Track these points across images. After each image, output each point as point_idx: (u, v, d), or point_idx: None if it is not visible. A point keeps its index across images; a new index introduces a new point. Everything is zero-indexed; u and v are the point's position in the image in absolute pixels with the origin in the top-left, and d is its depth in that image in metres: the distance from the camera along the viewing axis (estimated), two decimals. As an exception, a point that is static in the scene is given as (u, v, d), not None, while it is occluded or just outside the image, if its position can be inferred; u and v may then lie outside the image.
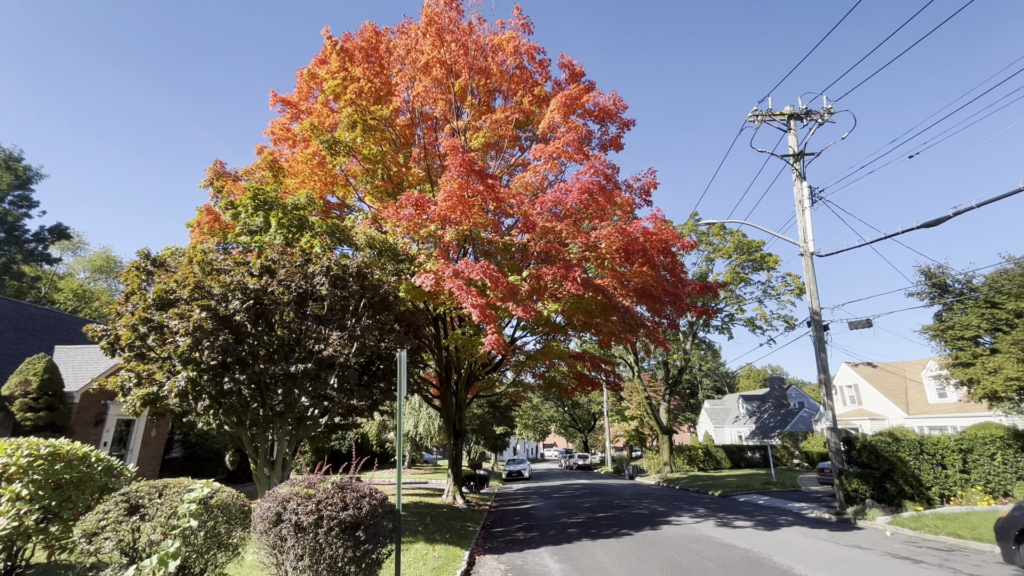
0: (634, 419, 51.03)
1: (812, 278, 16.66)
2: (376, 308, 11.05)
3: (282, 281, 9.33)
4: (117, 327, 9.48)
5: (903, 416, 29.41)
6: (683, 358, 36.67)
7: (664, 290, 13.67)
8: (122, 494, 5.06)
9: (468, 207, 10.84)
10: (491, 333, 10.82)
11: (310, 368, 9.12)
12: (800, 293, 33.54)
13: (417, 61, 13.62)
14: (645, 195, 12.60)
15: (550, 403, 62.71)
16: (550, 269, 10.44)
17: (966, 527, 10.57)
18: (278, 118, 14.93)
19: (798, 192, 17.53)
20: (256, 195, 10.62)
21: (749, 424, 48.54)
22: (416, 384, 19.08)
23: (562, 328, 16.72)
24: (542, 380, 21.54)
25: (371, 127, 12.55)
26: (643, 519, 14.04)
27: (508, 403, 39.13)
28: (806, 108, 17.65)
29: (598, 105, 13.69)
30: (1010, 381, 12.27)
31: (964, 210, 11.33)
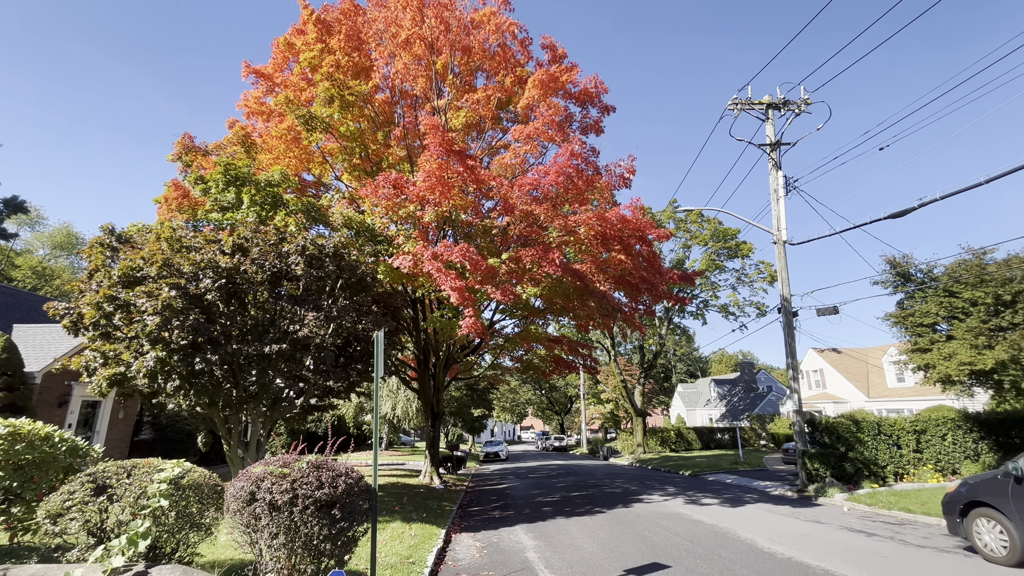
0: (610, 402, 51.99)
1: (784, 266, 17.11)
2: (353, 289, 10.91)
3: (255, 260, 9.10)
4: (80, 305, 9.13)
5: (864, 399, 30.79)
6: (658, 343, 37.43)
7: (641, 278, 13.85)
8: (88, 475, 4.94)
9: (448, 188, 10.71)
10: (469, 316, 10.82)
11: (285, 349, 8.98)
12: (772, 280, 34.45)
13: (397, 36, 13.24)
14: (624, 181, 12.66)
15: (528, 386, 63.40)
16: (529, 251, 10.46)
17: (916, 503, 11.21)
18: (251, 91, 14.37)
19: (773, 181, 17.86)
20: (227, 170, 10.25)
21: (720, 407, 50.08)
22: (394, 366, 19.01)
23: (540, 312, 16.83)
24: (520, 363, 21.73)
25: (349, 103, 12.21)
26: (616, 497, 14.44)
27: (486, 386, 39.42)
28: (784, 98, 17.88)
29: (579, 86, 13.58)
30: (963, 366, 12.95)
31: (928, 202, 11.74)
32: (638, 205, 11.67)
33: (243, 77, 14.17)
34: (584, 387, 51.88)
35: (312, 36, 13.62)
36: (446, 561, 7.82)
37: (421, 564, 7.12)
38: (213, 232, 9.65)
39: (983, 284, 13.30)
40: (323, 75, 12.14)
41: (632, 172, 12.16)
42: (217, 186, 10.42)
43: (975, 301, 13.38)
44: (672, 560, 7.43)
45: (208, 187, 10.50)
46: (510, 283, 10.43)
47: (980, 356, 12.74)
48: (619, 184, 12.55)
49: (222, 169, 10.23)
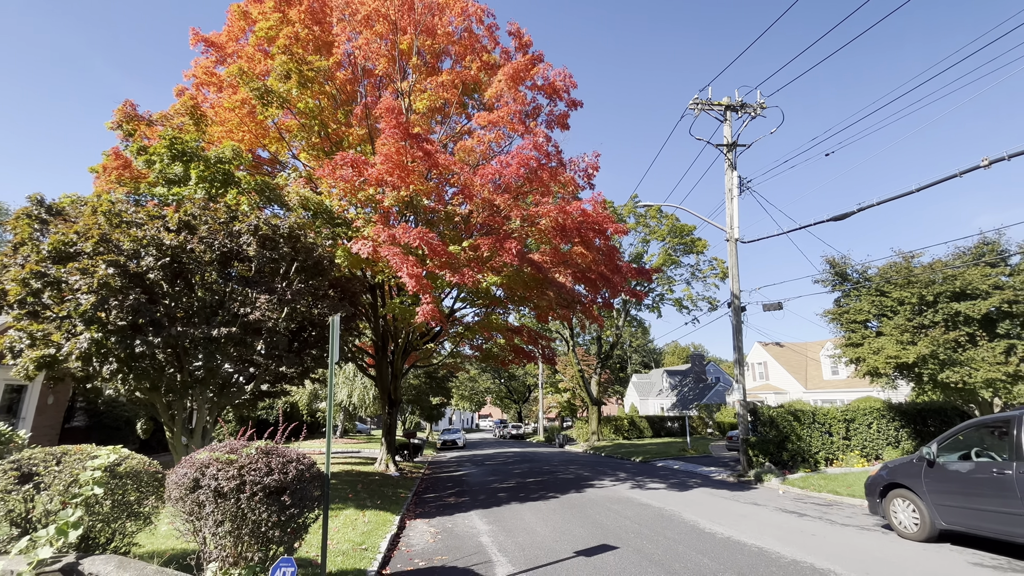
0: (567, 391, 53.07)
1: (735, 263, 17.88)
2: (309, 272, 10.58)
3: (204, 239, 8.66)
4: (3, 281, 8.42)
5: (802, 390, 32.83)
6: (615, 334, 38.37)
7: (600, 273, 14.14)
8: (12, 462, 4.61)
9: (406, 172, 10.52)
10: (427, 303, 10.73)
11: (235, 332, 8.63)
12: (724, 276, 35.95)
13: (357, 13, 12.78)
14: (588, 177, 12.82)
15: (487, 375, 63.66)
16: (487, 240, 10.46)
17: (843, 486, 12.12)
18: (201, 59, 13.49)
19: (728, 181, 18.56)
20: (173, 143, 9.63)
21: (671, 397, 52.06)
22: (351, 353, 18.64)
23: (501, 301, 16.90)
24: (480, 352, 21.78)
25: (308, 79, 11.72)
26: (569, 483, 14.82)
27: (445, 374, 39.29)
28: (741, 100, 18.55)
29: (547, 80, 13.59)
30: (889, 360, 14.06)
31: (867, 206, 12.55)
32: (599, 199, 11.86)
33: (191, 45, 13.30)
34: (543, 376, 52.62)
35: (270, 5, 12.95)
36: (400, 547, 7.83)
37: (374, 550, 7.10)
38: (157, 208, 9.09)
39: (910, 285, 14.44)
40: (280, 48, 11.60)
41: (596, 168, 12.34)
42: (161, 160, 9.79)
43: (903, 300, 14.50)
44: (621, 541, 7.73)
45: (152, 160, 9.85)
46: (469, 269, 10.41)
47: (904, 351, 13.87)
48: (583, 179, 12.71)
49: (167, 142, 9.61)
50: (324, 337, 11.57)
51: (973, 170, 9.60)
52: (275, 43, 11.80)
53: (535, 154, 10.98)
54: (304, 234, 10.14)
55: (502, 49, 14.17)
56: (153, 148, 9.78)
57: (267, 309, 8.86)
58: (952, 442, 7.26)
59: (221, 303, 8.95)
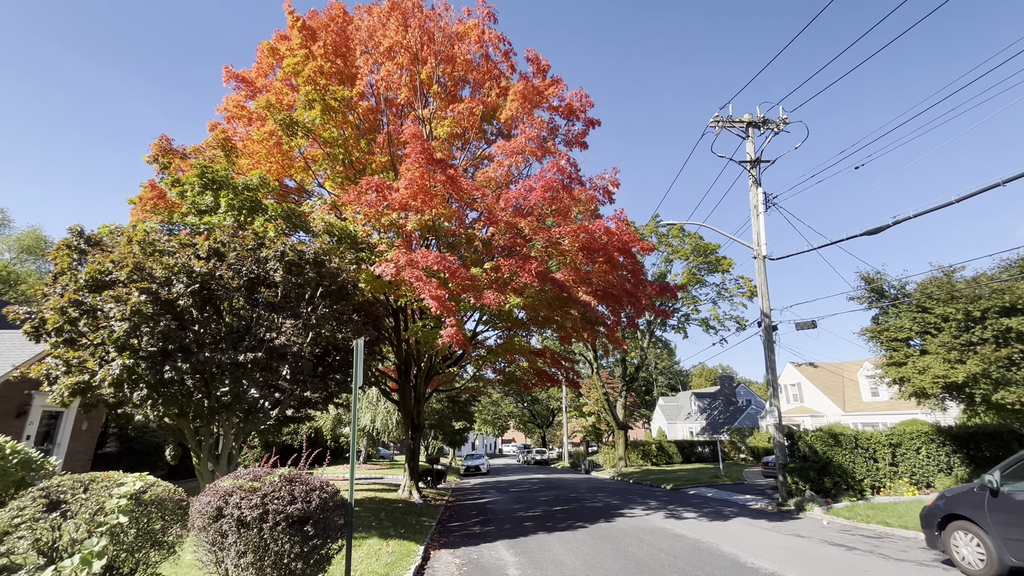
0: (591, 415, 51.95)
1: (764, 280, 17.38)
2: (334, 297, 10.67)
3: (232, 265, 8.83)
4: (43, 309, 8.71)
5: (840, 413, 31.32)
6: (640, 356, 37.59)
7: (624, 291, 13.89)
8: (41, 489, 4.62)
9: (430, 196, 10.61)
10: (450, 325, 10.66)
11: (260, 357, 8.69)
12: (752, 295, 35.04)
13: (380, 45, 13.19)
14: (608, 194, 12.74)
15: (509, 398, 62.95)
16: (508, 261, 10.39)
17: (894, 516, 11.32)
18: (233, 95, 14.11)
19: (753, 197, 18.23)
20: (204, 173, 9.97)
21: (700, 420, 50.40)
22: (374, 377, 18.64)
23: (524, 323, 16.73)
24: (503, 375, 21.53)
25: (331, 108, 12.06)
26: (598, 512, 14.27)
27: (468, 398, 38.96)
28: (763, 117, 18.35)
29: (564, 100, 13.70)
30: (937, 379, 13.27)
31: (903, 219, 12.07)
32: (622, 217, 11.72)
33: (224, 82, 13.94)
34: (566, 400, 51.73)
35: (296, 42, 13.49)
36: (424, 579, 7.56)
37: (398, 583, 6.86)
38: (189, 236, 9.35)
39: (953, 301, 13.72)
40: (305, 78, 11.99)
41: (616, 185, 12.25)
42: (193, 189, 10.13)
43: (946, 317, 13.77)
44: (655, 576, 7.30)
45: (184, 190, 10.20)
46: (492, 291, 10.32)
47: (953, 370, 13.09)
48: (603, 197, 12.62)
49: (198, 172, 9.95)
50: (348, 361, 11.58)
51: (1018, 178, 9.14)
52: (300, 76, 12.22)
53: (559, 177, 10.97)
54: (329, 259, 10.27)
55: (520, 75, 14.41)
56: (185, 178, 10.14)
57: (292, 334, 8.91)
58: (1018, 468, 6.69)
59: (248, 328, 9.06)
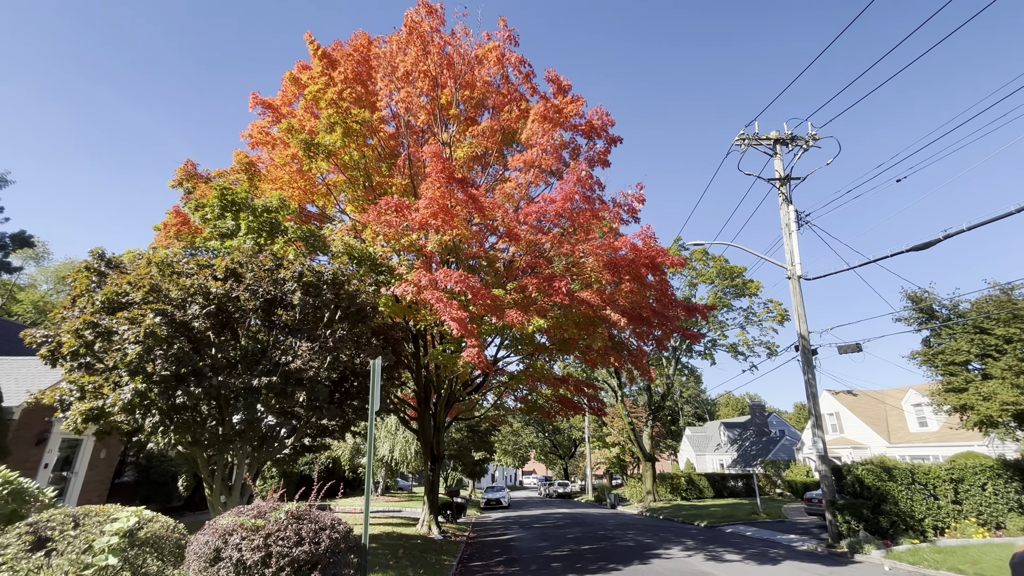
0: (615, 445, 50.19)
1: (799, 301, 16.49)
2: (352, 320, 10.32)
3: (249, 286, 8.58)
4: (60, 333, 8.55)
5: (884, 445, 29.31)
6: (666, 383, 36.28)
7: (652, 311, 13.26)
8: (29, 524, 4.21)
9: (450, 216, 10.32)
10: (471, 347, 10.17)
11: (275, 382, 8.30)
12: (782, 320, 33.70)
13: (397, 70, 13.25)
14: (632, 212, 12.27)
15: (530, 428, 61.46)
16: (534, 280, 9.93)
17: (966, 561, 10.12)
18: (258, 121, 14.32)
19: (784, 216, 17.54)
20: (223, 194, 9.90)
21: (731, 452, 48.10)
22: (393, 404, 18.14)
23: (546, 348, 16.12)
24: (524, 403, 20.80)
25: (352, 131, 12.03)
26: (630, 552, 13.24)
27: (488, 427, 37.95)
28: (791, 134, 17.83)
29: (584, 117, 13.45)
30: (1006, 406, 12.08)
31: (954, 233, 11.27)
32: (649, 233, 11.21)
33: (250, 108, 14.16)
34: (589, 430, 50.12)
35: (317, 70, 13.67)
36: (445, 628, 6.84)
37: (416, 633, 6.18)
38: (208, 258, 9.19)
39: (1016, 320, 12.63)
40: (327, 102, 12.03)
41: (641, 201, 11.79)
42: (212, 211, 10.05)
43: (1010, 338, 12.66)
44: (705, 631, 6.45)
45: (205, 213, 10.13)
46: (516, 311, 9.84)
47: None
48: (628, 215, 12.16)
49: (217, 193, 9.88)
50: (366, 387, 11.14)
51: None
52: (321, 101, 12.28)
53: (579, 188, 10.59)
54: (347, 280, 9.98)
55: (541, 96, 14.30)
56: (205, 200, 10.08)
57: (309, 358, 8.54)
58: None
59: (263, 352, 8.73)
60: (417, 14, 12.71)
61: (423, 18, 12.72)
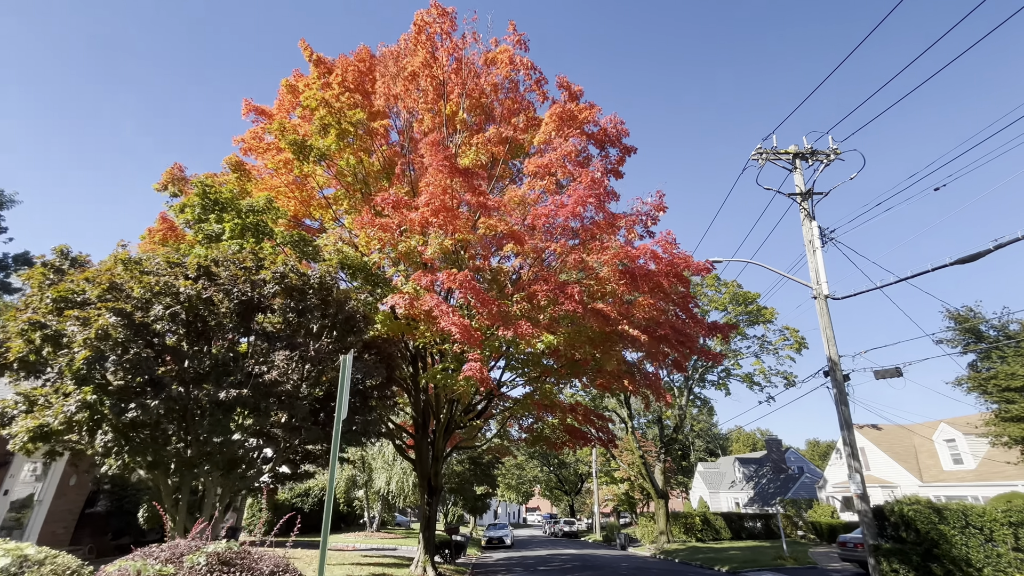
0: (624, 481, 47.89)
1: (828, 322, 15.31)
2: (341, 330, 9.31)
3: (223, 286, 7.64)
4: (10, 336, 7.60)
5: (916, 484, 27.31)
6: (678, 415, 34.62)
7: (671, 328, 12.18)
8: None
9: (453, 216, 9.46)
10: (473, 360, 9.10)
11: (245, 395, 7.24)
12: (799, 348, 32.25)
13: (404, 70, 12.68)
14: (652, 220, 11.31)
15: (535, 461, 59.14)
16: (544, 287, 8.93)
17: (1050, 622, 8.61)
18: (253, 127, 13.70)
19: (807, 232, 16.57)
20: (205, 192, 9.11)
21: (747, 490, 45.62)
22: (388, 430, 16.91)
23: (553, 370, 14.95)
24: (530, 433, 19.43)
25: (347, 133, 11.32)
26: (649, 602, 11.70)
27: (491, 459, 36.10)
28: (811, 148, 17.07)
29: (598, 125, 12.74)
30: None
31: (1007, 243, 10.24)
32: (670, 239, 10.23)
33: (244, 115, 13.58)
34: (596, 464, 47.94)
35: (313, 76, 13.15)
36: None
37: None
38: (179, 256, 8.30)
39: (1079, 341, 11.44)
40: (318, 101, 11.38)
41: (662, 209, 10.84)
42: (193, 211, 9.23)
43: (1073, 361, 11.43)
44: None
45: (187, 215, 9.32)
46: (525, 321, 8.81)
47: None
48: (643, 230, 11.23)
49: (199, 191, 9.08)
50: (355, 408, 10.03)
51: None
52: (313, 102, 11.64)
53: (593, 191, 9.72)
54: (336, 285, 9.03)
55: (552, 102, 13.68)
56: (186, 199, 9.29)
57: (285, 368, 7.50)
58: None
59: (236, 360, 7.71)
60: (428, 15, 12.21)
61: (434, 19, 12.22)
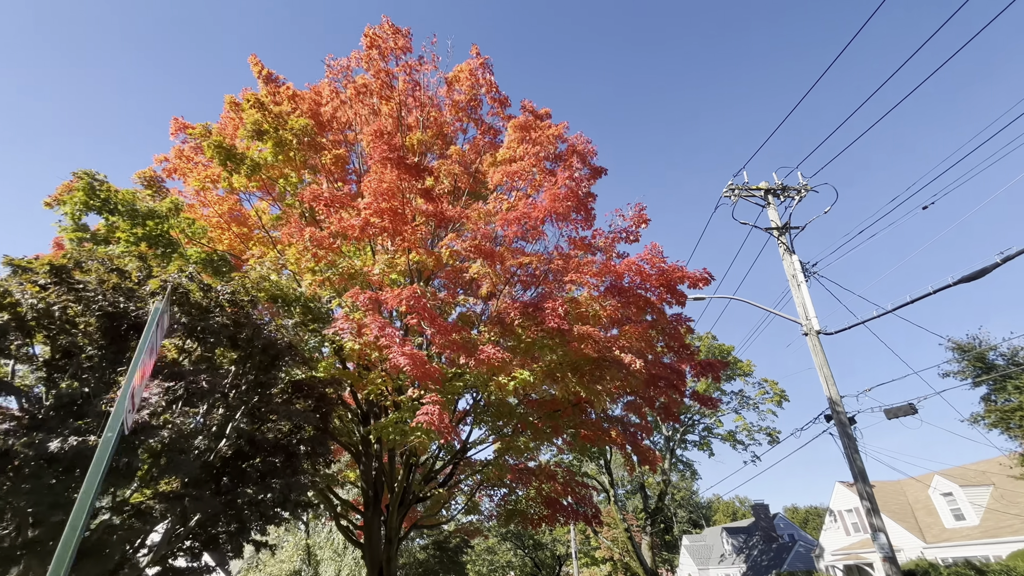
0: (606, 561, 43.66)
1: (824, 360, 14.05)
2: (257, 363, 7.24)
3: (83, 295, 5.64)
4: None
5: (921, 545, 25.25)
6: (662, 481, 32.09)
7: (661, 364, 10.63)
8: None
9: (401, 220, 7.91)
10: (431, 402, 7.13)
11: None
12: (780, 401, 31.05)
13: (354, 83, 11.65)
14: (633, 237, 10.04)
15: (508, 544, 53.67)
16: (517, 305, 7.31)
17: None
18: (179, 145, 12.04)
19: (788, 267, 15.79)
20: (91, 190, 7.28)
21: (738, 564, 42.07)
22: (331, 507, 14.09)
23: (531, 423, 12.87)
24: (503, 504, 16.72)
25: (287, 144, 9.88)
26: None
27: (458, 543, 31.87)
28: (782, 184, 16.81)
29: (566, 141, 11.76)
30: None
31: (1015, 255, 9.44)
32: (657, 252, 8.86)
33: (172, 135, 12.00)
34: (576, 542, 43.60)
35: (264, 93, 11.93)
36: None
37: None
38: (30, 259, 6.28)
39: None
40: (252, 103, 10.02)
41: (644, 222, 9.60)
42: (73, 213, 7.34)
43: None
44: None
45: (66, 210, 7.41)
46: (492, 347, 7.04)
47: None
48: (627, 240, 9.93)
49: (83, 185, 7.26)
50: (274, 470, 7.71)
51: None
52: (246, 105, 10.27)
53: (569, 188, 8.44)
54: (252, 303, 7.10)
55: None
56: (67, 197, 7.41)
57: (159, 405, 5.38)
58: None
59: (91, 398, 5.51)
60: (381, 29, 11.36)
61: (387, 35, 11.36)
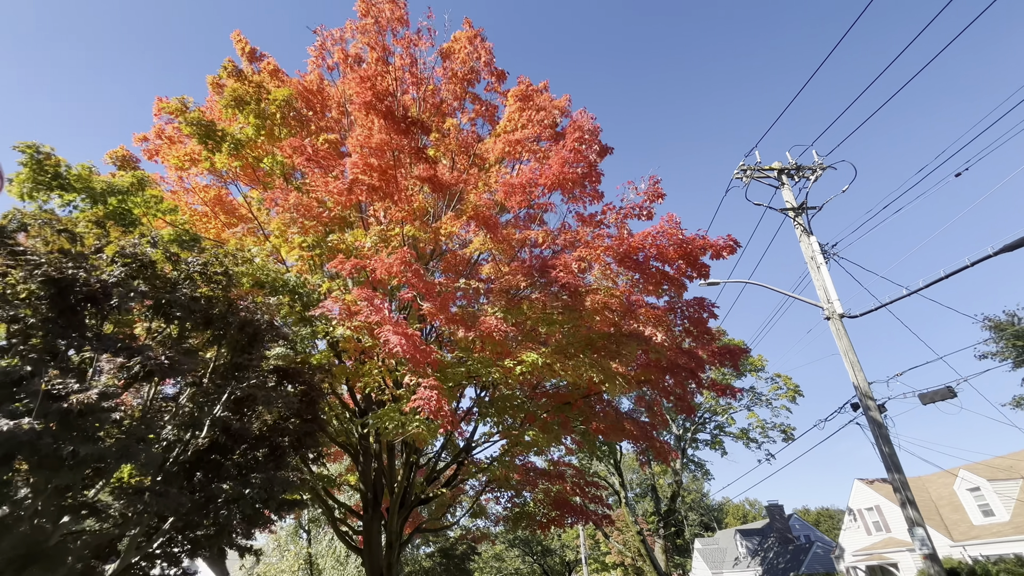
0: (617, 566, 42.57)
1: (848, 345, 13.19)
2: (233, 344, 6.49)
3: (27, 260, 4.91)
4: None
5: (948, 544, 24.17)
6: (673, 482, 31.12)
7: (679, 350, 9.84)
8: None
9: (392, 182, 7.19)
10: (428, 387, 6.37)
11: (32, 429, 4.27)
12: (794, 397, 30.09)
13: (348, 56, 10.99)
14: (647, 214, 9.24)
15: (516, 550, 52.57)
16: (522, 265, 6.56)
17: None
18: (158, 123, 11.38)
19: (807, 249, 14.98)
20: (39, 164, 6.57)
21: (753, 567, 40.89)
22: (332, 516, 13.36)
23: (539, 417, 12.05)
24: (511, 507, 15.87)
25: (268, 116, 9.19)
26: None
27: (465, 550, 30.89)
28: (796, 163, 16.05)
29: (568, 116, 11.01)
30: None
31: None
32: (674, 222, 8.07)
33: (155, 116, 11.34)
34: (585, 547, 42.53)
35: (248, 71, 11.29)
36: None
37: None
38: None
39: None
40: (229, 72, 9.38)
41: (659, 197, 8.81)
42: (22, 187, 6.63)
43: None
44: None
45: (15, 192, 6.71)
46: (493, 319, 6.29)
47: None
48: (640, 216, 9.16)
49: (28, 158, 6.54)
50: (257, 464, 6.95)
51: None
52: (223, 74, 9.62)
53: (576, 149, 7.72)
54: (228, 277, 6.35)
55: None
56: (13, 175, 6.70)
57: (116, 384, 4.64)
58: None
59: (27, 379, 4.75)
60: (377, 0, 10.69)
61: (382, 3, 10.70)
